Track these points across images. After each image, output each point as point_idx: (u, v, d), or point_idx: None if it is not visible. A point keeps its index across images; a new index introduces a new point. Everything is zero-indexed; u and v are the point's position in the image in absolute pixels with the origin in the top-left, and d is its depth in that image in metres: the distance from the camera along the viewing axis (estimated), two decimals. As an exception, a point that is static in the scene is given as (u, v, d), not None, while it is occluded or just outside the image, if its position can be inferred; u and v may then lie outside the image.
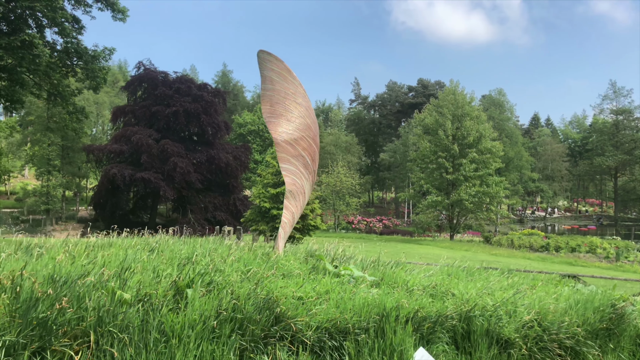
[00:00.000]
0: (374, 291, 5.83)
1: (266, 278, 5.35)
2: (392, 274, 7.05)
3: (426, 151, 52.65)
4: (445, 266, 9.38)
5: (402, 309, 5.13)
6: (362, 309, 5.01)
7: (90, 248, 6.56)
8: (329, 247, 9.55)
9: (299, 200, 9.05)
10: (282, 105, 8.83)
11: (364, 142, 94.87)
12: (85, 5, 30.47)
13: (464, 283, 7.28)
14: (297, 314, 4.63)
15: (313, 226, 35.09)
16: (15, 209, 71.87)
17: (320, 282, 5.71)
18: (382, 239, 53.40)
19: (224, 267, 5.67)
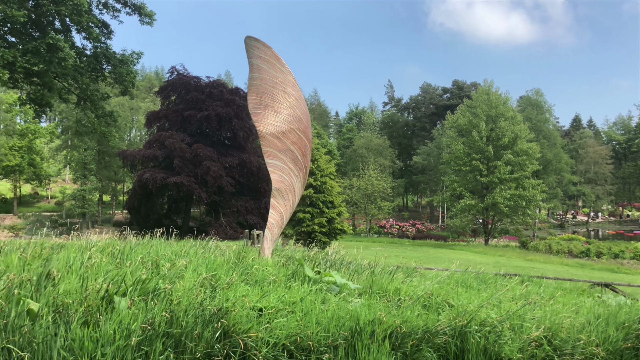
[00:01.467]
0: (356, 301, 5.18)
1: (229, 285, 4.78)
2: (382, 282, 6.35)
3: (459, 153, 51.24)
4: (457, 272, 8.56)
5: (380, 323, 4.46)
6: (330, 322, 4.36)
7: (48, 250, 6.14)
8: (330, 251, 8.87)
9: (288, 199, 8.34)
10: (269, 95, 8.18)
11: (397, 145, 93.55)
12: (114, 10, 30.76)
13: (468, 292, 6.52)
14: (249, 328, 4.02)
15: (340, 230, 34.45)
16: (54, 213, 73.82)
17: (291, 291, 5.09)
18: (414, 244, 52.23)
19: (185, 272, 5.14)
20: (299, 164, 8.24)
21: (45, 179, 75.96)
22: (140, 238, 9.59)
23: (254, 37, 8.36)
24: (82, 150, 61.06)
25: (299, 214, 32.94)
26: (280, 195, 8.17)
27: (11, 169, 68.05)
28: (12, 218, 67.97)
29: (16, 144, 68.85)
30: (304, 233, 33.47)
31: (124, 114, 69.19)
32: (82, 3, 25.75)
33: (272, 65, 8.19)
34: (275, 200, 8.28)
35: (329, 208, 33.77)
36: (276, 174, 8.13)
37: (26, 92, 26.21)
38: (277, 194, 8.18)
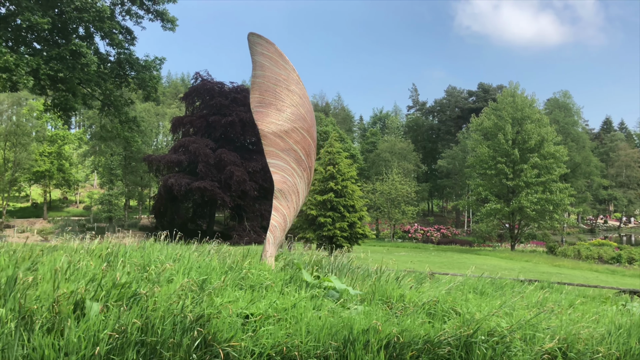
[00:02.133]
0: (355, 308, 4.90)
1: (215, 290, 4.55)
2: (386, 288, 6.03)
3: (484, 156, 50.29)
4: (472, 277, 8.17)
5: (375, 332, 4.17)
6: (321, 331, 4.09)
7: (39, 252, 6.00)
8: (340, 256, 8.56)
9: (291, 200, 8.04)
10: (272, 93, 7.91)
11: (422, 148, 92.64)
12: (137, 16, 31.10)
13: (479, 299, 6.16)
14: (231, 336, 3.77)
15: (361, 234, 34.07)
16: (83, 217, 75.13)
17: (284, 297, 4.83)
18: (439, 249, 51.47)
19: (175, 277, 4.94)
20: (302, 164, 7.95)
21: (74, 184, 77.49)
22: (164, 242, 9.46)
23: (257, 33, 8.14)
24: (109, 156, 62.05)
25: (320, 218, 32.69)
26: (283, 197, 7.89)
27: (41, 175, 69.62)
28: (42, 222, 69.41)
29: (46, 150, 70.45)
30: (325, 237, 33.19)
31: (149, 120, 70.12)
32: (104, 10, 26.06)
33: (275, 62, 7.93)
34: (278, 201, 7.99)
35: (350, 212, 33.44)
36: (279, 174, 7.86)
37: (51, 98, 26.61)
38: (279, 196, 7.89)
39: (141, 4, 30.95)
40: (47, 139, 71.15)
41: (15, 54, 21.44)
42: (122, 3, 30.72)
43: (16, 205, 77.72)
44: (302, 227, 34.48)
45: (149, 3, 31.20)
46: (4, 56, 20.75)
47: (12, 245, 7.04)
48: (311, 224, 33.74)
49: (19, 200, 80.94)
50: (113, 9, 29.67)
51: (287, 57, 7.91)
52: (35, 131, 69.77)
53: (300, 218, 35.24)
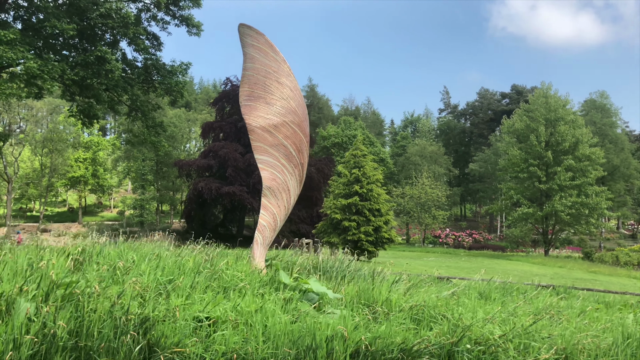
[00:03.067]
0: (332, 312, 4.56)
1: (180, 290, 4.29)
2: (372, 291, 5.65)
3: (516, 159, 48.95)
4: (480, 281, 7.70)
5: (341, 339, 3.81)
6: (279, 337, 3.76)
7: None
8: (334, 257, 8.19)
9: (281, 198, 7.69)
10: (261, 86, 7.59)
11: (454, 152, 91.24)
12: (163, 22, 31.45)
13: (477, 304, 5.72)
14: (178, 341, 3.48)
15: (387, 239, 33.51)
16: (116, 222, 76.70)
17: (250, 299, 4.52)
18: (469, 254, 50.35)
19: (140, 277, 4.70)
20: (293, 161, 7.61)
21: (108, 189, 79.22)
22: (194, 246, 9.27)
23: (247, 24, 7.88)
24: (140, 161, 63.15)
25: (344, 222, 32.30)
26: (272, 195, 7.56)
27: (76, 180, 71.41)
28: (77, 227, 71.10)
29: (81, 156, 72.26)
30: (350, 242, 32.76)
31: (181, 126, 71.14)
32: (128, 16, 26.40)
33: (265, 53, 7.64)
34: (267, 200, 7.65)
35: (375, 216, 32.93)
36: (267, 171, 7.53)
37: (76, 103, 27.09)
38: (268, 193, 7.56)
39: (167, 9, 31.27)
40: (83, 145, 72.98)
41: (40, 61, 21.86)
42: (148, 9, 31.09)
43: (54, 210, 79.94)
44: (326, 231, 34.17)
45: (174, 9, 31.52)
46: (28, 62, 21.18)
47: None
48: (335, 228, 33.39)
49: (56, 205, 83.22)
50: (139, 15, 30.08)
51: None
52: (71, 138, 71.65)
53: (325, 222, 34.92)
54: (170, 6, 30.95)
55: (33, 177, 67.96)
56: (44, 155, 65.21)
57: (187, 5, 31.13)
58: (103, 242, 7.79)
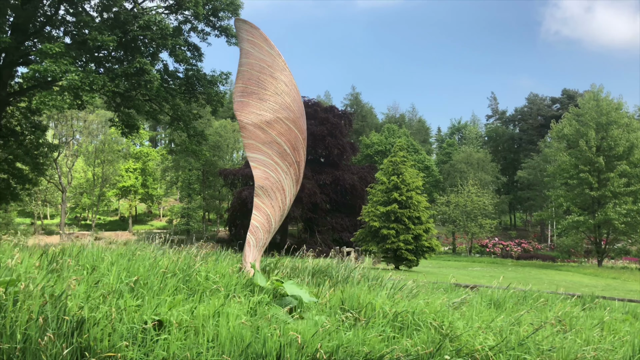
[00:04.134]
0: (318, 318, 4.28)
1: (139, 292, 4.12)
2: (357, 296, 5.31)
3: (565, 165, 46.93)
4: (495, 289, 7.21)
5: (296, 347, 3.50)
6: (226, 344, 3.49)
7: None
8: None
9: (276, 198, 7.36)
10: (255, 81, 7.32)
11: (502, 159, 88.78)
12: (203, 33, 32.07)
13: (483, 312, 5.28)
14: (108, 345, 3.26)
15: (428, 248, 32.71)
16: (165, 230, 78.66)
17: (210, 302, 4.28)
18: (517, 264, 48.60)
19: (105, 278, 4.56)
20: (288, 159, 7.29)
21: (157, 198, 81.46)
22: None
23: (243, 19, 7.69)
24: (187, 171, 64.57)
25: (382, 230, 31.79)
26: (265, 194, 7.27)
27: (127, 189, 73.82)
28: (127, 235, 73.37)
29: (131, 166, 74.69)
30: (389, 250, 32.21)
31: (226, 136, 72.35)
32: (167, 27, 27.02)
33: (260, 47, 7.41)
34: (260, 199, 7.35)
35: (415, 224, 32.24)
36: (259, 169, 7.22)
37: (117, 114, 27.86)
38: (261, 193, 7.26)
39: (207, 20, 31.84)
40: (133, 156, 75.43)
41: (82, 73, 22.61)
42: (188, 21, 31.77)
43: (106, 219, 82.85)
44: (365, 240, 33.75)
45: (214, 19, 32.07)
46: (70, 74, 21.94)
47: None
48: (374, 236, 32.91)
49: (109, 214, 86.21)
50: (179, 27, 30.77)
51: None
52: (122, 149, 74.20)
53: (363, 230, 34.49)
54: (210, 17, 31.53)
55: (86, 187, 70.66)
56: (96, 166, 67.76)
57: (227, 16, 31.64)
58: (85, 244, 7.76)
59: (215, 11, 31.62)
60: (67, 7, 28.52)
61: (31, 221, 73.28)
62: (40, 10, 27.26)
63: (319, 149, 64.81)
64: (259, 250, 7.37)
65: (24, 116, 31.14)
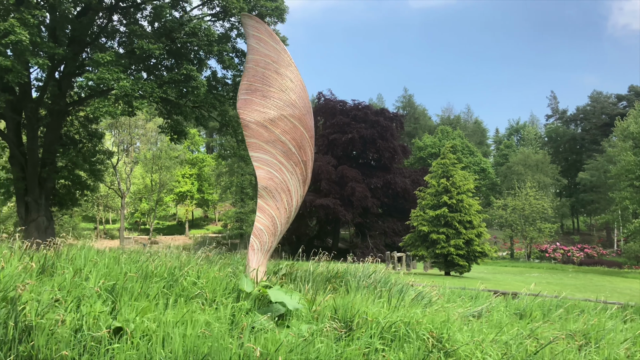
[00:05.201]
0: (303, 327, 3.95)
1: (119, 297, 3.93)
2: (351, 304, 4.87)
3: (631, 165, 44.16)
4: (525, 296, 6.61)
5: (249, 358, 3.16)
6: (179, 353, 3.18)
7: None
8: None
9: (281, 199, 6.97)
10: (260, 77, 7.01)
11: (563, 160, 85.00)
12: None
13: (494, 323, 4.77)
14: (49, 354, 3.03)
15: (480, 253, 31.53)
16: (220, 234, 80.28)
17: (180, 309, 4.00)
18: (579, 271, 46.17)
19: (85, 282, 4.38)
20: (293, 158, 6.91)
21: (213, 203, 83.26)
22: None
23: (248, 14, 7.45)
24: (240, 176, 65.60)
25: (432, 235, 30.92)
26: (269, 196, 6.91)
27: (183, 195, 75.86)
28: (183, 239, 75.35)
29: (187, 172, 76.73)
30: (439, 255, 31.29)
31: (276, 141, 72.99)
32: (212, 34, 27.42)
33: (265, 43, 7.13)
34: (264, 201, 6.98)
35: (466, 228, 31.18)
36: (263, 169, 6.88)
37: (165, 120, 28.50)
38: (265, 194, 6.90)
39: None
40: (189, 162, 77.46)
41: (131, 80, 23.27)
42: (234, 27, 32.18)
43: (164, 223, 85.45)
44: (414, 244, 32.96)
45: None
46: (121, 82, 22.60)
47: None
48: (423, 240, 32.07)
49: (167, 219, 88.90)
50: (228, 33, 31.20)
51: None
52: (178, 155, 76.34)
53: (412, 234, 33.72)
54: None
55: (144, 193, 73.13)
56: (154, 172, 70.02)
57: (273, 21, 31.82)
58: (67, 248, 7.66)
59: (261, 17, 31.81)
60: (120, 17, 29.50)
61: (94, 226, 76.64)
62: (96, 22, 28.30)
63: (369, 152, 64.23)
64: (265, 254, 7.04)
65: (82, 125, 32.35)
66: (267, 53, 7.03)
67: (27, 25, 20.66)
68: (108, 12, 27.76)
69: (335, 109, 64.54)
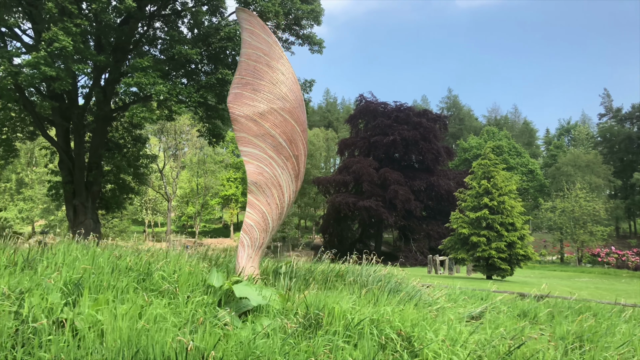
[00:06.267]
0: (265, 322, 3.85)
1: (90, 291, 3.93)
2: (322, 301, 4.67)
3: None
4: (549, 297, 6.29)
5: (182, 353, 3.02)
6: (111, 348, 3.09)
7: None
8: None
9: (272, 195, 6.77)
10: (251, 71, 6.93)
11: (618, 160, 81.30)
12: (287, 42, 32.63)
13: (453, 326, 4.49)
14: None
15: (523, 256, 30.51)
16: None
17: (134, 302, 3.92)
18: (633, 276, 44.03)
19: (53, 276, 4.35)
20: (283, 152, 6.73)
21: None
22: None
23: (243, 8, 7.38)
24: (281, 179, 66.27)
25: (472, 238, 30.15)
26: (259, 191, 6.75)
27: (228, 198, 77.17)
28: (229, 241, 76.61)
29: (232, 176, 78.01)
30: (480, 259, 30.49)
31: (318, 144, 73.24)
32: (247, 38, 27.64)
33: (257, 36, 7.03)
34: (254, 196, 6.80)
35: (508, 231, 30.25)
36: (252, 164, 6.73)
37: (203, 124, 29.00)
38: (255, 189, 6.74)
39: (290, 30, 32.33)
40: (233, 166, 78.77)
41: (169, 84, 23.82)
42: (272, 31, 32.36)
43: (210, 226, 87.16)
44: (454, 247, 32.25)
45: (296, 28, 32.46)
46: (158, 86, 23.18)
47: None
48: (464, 243, 31.33)
49: (213, 222, 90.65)
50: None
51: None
52: (222, 159, 77.75)
53: (452, 237, 33.01)
54: (293, 26, 31.97)
55: (190, 197, 74.85)
56: (199, 176, 71.57)
57: (309, 24, 31.89)
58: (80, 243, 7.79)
59: (298, 20, 31.97)
60: (162, 25, 30.26)
61: (143, 229, 79.03)
62: (138, 30, 29.15)
63: (412, 154, 63.44)
64: (256, 251, 6.91)
65: (126, 130, 33.34)
66: (258, 46, 6.97)
67: (70, 34, 21.49)
68: (149, 19, 28.57)
69: (377, 111, 64.11)
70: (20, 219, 64.76)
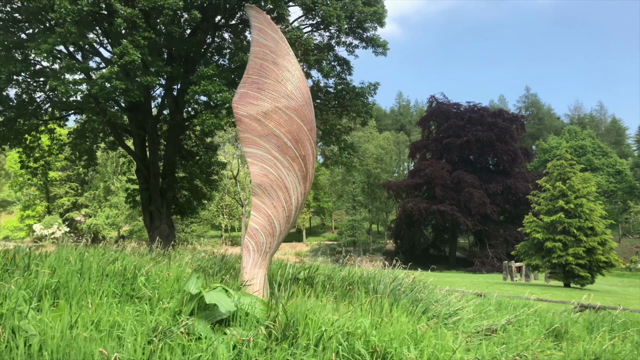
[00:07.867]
0: (231, 332, 3.69)
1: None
2: (302, 310, 4.38)
3: None
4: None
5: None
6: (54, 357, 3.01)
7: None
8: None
9: (277, 197, 6.56)
10: (257, 69, 6.72)
11: None
12: (351, 45, 32.60)
13: (445, 340, 4.09)
14: None
15: (605, 263, 28.49)
16: (335, 242, 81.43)
17: (91, 311, 3.83)
18: None
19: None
20: (289, 153, 6.42)
21: (329, 211, 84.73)
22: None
23: (251, 5, 7.25)
24: (351, 184, 66.04)
25: (547, 243, 28.52)
26: (265, 193, 6.50)
27: (300, 203, 78.16)
28: (301, 246, 77.53)
29: (303, 181, 79.01)
30: (556, 265, 28.79)
31: (389, 148, 72.46)
32: (307, 42, 27.94)
33: (264, 33, 6.82)
34: (259, 199, 6.57)
35: (587, 236, 28.33)
36: (257, 165, 6.47)
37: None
38: (259, 192, 6.49)
39: (354, 33, 32.28)
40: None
41: (233, 92, 24.48)
42: (333, 36, 32.54)
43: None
44: (527, 253, 30.67)
45: (360, 31, 32.35)
46: (224, 93, 23.85)
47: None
48: (538, 249, 29.71)
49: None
50: (330, 42, 31.65)
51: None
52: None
53: (525, 242, 31.42)
54: (356, 30, 31.87)
55: (264, 201, 76.50)
56: (272, 181, 73.00)
57: (372, 26, 31.64)
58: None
59: (360, 23, 31.83)
60: (230, 35, 31.21)
61: (220, 233, 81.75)
62: (207, 41, 30.21)
63: (487, 156, 61.16)
64: (263, 256, 6.71)
65: (198, 138, 34.67)
66: (265, 43, 6.84)
67: (139, 47, 22.62)
68: (215, 30, 29.52)
69: (449, 112, 62.35)
70: (107, 225, 69.10)
